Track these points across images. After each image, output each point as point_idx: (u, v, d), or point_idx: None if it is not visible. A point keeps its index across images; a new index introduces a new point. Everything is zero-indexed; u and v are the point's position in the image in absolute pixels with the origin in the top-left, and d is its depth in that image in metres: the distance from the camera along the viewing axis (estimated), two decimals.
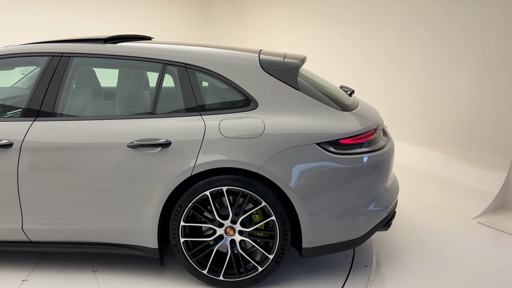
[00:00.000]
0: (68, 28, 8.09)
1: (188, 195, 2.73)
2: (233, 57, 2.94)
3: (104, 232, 2.85)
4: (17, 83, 4.38)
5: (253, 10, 8.42)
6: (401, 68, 5.60)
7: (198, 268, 2.83)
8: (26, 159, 2.74)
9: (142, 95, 3.25)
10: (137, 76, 3.24)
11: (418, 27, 5.31)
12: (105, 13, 8.46)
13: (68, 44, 2.95)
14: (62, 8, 8.14)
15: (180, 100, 2.85)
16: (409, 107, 5.52)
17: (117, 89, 3.32)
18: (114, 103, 3.15)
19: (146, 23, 8.83)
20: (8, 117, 2.93)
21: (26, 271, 3.02)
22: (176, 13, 9.16)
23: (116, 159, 2.72)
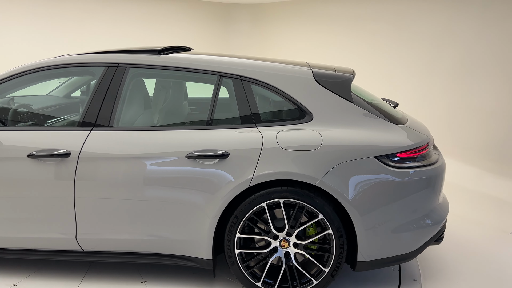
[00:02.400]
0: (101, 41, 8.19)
1: (244, 206, 2.73)
2: (286, 70, 2.96)
3: (157, 243, 2.85)
4: (53, 91, 4.41)
5: (274, 21, 8.49)
6: (430, 81, 5.62)
7: (252, 280, 2.82)
8: (83, 169, 2.75)
9: (200, 106, 3.26)
10: (198, 88, 3.27)
11: (449, 41, 5.34)
12: (129, 25, 8.55)
13: (124, 55, 2.97)
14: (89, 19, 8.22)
15: (235, 111, 2.87)
16: (439, 120, 5.53)
17: (155, 99, 3.34)
18: (167, 113, 3.17)
19: (167, 34, 8.91)
20: (65, 127, 2.95)
21: (75, 281, 3.01)
22: (197, 24, 9.25)
23: (174, 170, 2.73)
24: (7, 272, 3.09)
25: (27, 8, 7.81)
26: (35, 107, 3.42)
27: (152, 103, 3.19)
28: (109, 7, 8.34)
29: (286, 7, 8.13)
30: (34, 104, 3.52)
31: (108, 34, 8.35)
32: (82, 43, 8.08)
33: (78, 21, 8.12)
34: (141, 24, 8.71)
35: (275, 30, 8.50)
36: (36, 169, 2.76)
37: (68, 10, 8.04)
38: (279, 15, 8.33)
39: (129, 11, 8.61)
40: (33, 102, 3.55)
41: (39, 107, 3.55)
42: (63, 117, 3.11)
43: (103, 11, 8.30)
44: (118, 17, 8.46)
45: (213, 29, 9.36)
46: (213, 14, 9.35)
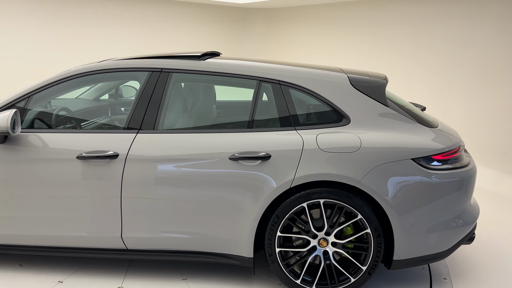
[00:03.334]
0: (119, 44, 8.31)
1: (285, 206, 2.83)
2: (323, 75, 3.07)
3: (199, 241, 2.95)
4: (82, 94, 4.53)
5: (289, 25, 8.61)
6: (449, 84, 5.72)
7: (291, 278, 2.92)
8: (131, 170, 2.86)
9: (240, 109, 3.37)
10: (234, 91, 3.38)
11: (467, 45, 5.44)
12: (146, 28, 8.68)
13: (167, 60, 3.09)
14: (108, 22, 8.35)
15: (274, 115, 2.98)
16: (457, 123, 5.62)
17: (194, 103, 3.45)
18: (208, 117, 3.28)
19: (184, 37, 9.04)
20: (111, 129, 3.06)
21: (118, 279, 3.12)
22: (212, 28, 9.38)
23: (217, 171, 2.84)
24: (53, 269, 3.19)
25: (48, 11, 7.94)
26: (74, 110, 3.54)
27: (191, 106, 3.30)
28: (127, 11, 8.48)
29: (301, 11, 8.24)
30: (73, 107, 3.64)
31: (126, 37, 8.49)
32: (102, 46, 8.22)
33: (99, 24, 8.26)
34: (157, 27, 8.84)
35: (290, 34, 8.62)
36: (85, 170, 2.87)
37: (88, 13, 8.18)
38: (294, 19, 8.45)
39: (146, 14, 8.75)
40: (72, 105, 3.67)
41: (79, 110, 3.67)
42: (107, 120, 3.22)
43: (122, 14, 8.44)
44: (135, 20, 8.59)
45: (228, 33, 9.49)
46: (229, 18, 9.49)
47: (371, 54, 6.85)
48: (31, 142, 2.91)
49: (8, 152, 2.89)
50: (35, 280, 3.05)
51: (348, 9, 7.23)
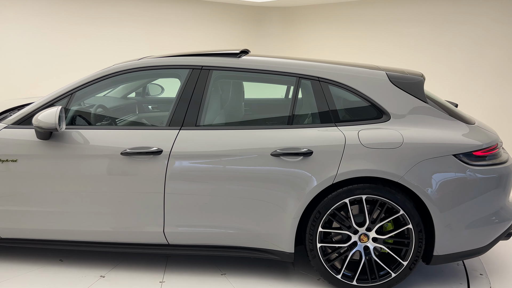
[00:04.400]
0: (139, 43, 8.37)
1: (327, 202, 2.86)
2: (362, 72, 3.09)
3: (240, 236, 2.99)
4: (109, 92, 4.58)
5: (306, 24, 8.63)
6: (471, 84, 5.73)
7: (332, 273, 2.95)
8: (174, 166, 2.90)
9: (278, 106, 3.40)
10: (272, 88, 3.41)
11: (490, 43, 5.45)
12: (163, 27, 8.73)
13: (207, 58, 3.12)
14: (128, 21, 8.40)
15: (314, 111, 3.01)
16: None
17: (233, 99, 3.48)
18: (252, 114, 3.32)
19: (200, 36, 9.08)
20: (154, 126, 3.10)
21: (158, 273, 3.15)
22: (229, 27, 9.42)
23: (259, 167, 2.87)
24: (93, 264, 3.24)
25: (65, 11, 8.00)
26: (111, 107, 3.58)
27: (230, 103, 3.34)
28: (145, 10, 8.53)
29: (318, 10, 8.27)
30: (109, 104, 3.69)
31: (145, 36, 8.54)
32: (120, 46, 8.28)
33: (117, 23, 8.31)
34: (173, 26, 8.88)
35: (306, 33, 8.64)
36: (129, 166, 2.91)
37: (108, 12, 8.23)
38: (310, 18, 8.47)
39: (162, 13, 8.79)
40: (107, 102, 3.71)
41: (116, 107, 3.71)
42: (148, 117, 3.26)
43: (141, 13, 8.49)
44: (151, 19, 8.64)
45: (244, 31, 9.52)
46: (245, 17, 9.51)
47: (391, 53, 6.87)
48: (76, 138, 2.95)
49: (53, 148, 2.93)
50: (78, 274, 3.09)
51: (367, 8, 7.25)
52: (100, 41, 8.19)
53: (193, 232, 3.00)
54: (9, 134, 2.98)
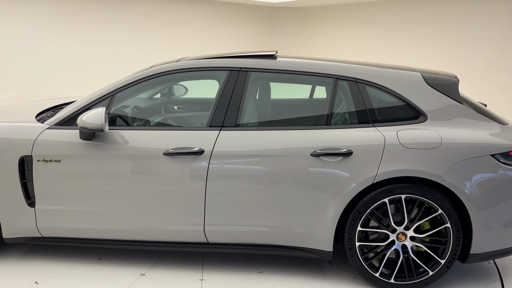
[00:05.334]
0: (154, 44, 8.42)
1: (366, 201, 2.91)
2: (398, 73, 3.14)
3: (280, 235, 3.04)
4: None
5: (320, 25, 8.67)
6: (491, 84, 5.77)
7: (370, 271, 3.00)
8: (215, 166, 2.95)
9: (314, 106, 3.45)
10: (311, 89, 3.47)
11: (510, 44, 5.48)
12: (177, 30, 8.79)
13: (245, 60, 3.17)
14: (146, 23, 8.46)
15: (352, 112, 3.06)
16: None
17: (268, 101, 3.53)
18: (288, 114, 3.37)
19: (215, 36, 9.14)
20: (194, 126, 3.16)
21: (197, 271, 3.21)
22: (243, 27, 9.48)
23: (299, 167, 2.92)
24: (133, 262, 3.29)
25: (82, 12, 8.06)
26: (144, 107, 3.64)
27: (268, 104, 3.39)
28: (160, 11, 8.59)
29: (333, 10, 8.31)
30: (143, 105, 3.74)
31: (159, 37, 8.60)
32: (135, 46, 8.34)
33: (131, 24, 8.38)
34: (188, 27, 8.94)
35: (321, 33, 8.68)
36: (171, 166, 2.97)
37: (122, 13, 8.29)
38: (325, 18, 8.51)
39: (177, 15, 8.85)
40: (141, 103, 3.77)
41: (152, 108, 3.76)
42: (187, 117, 3.31)
43: (155, 14, 8.55)
44: (166, 20, 8.70)
45: (259, 32, 9.58)
46: (260, 17, 9.57)
47: (408, 53, 6.91)
48: (118, 139, 3.01)
49: (96, 148, 2.99)
50: (118, 273, 3.15)
51: (382, 8, 7.29)
52: (114, 42, 8.27)
53: (232, 230, 3.05)
54: (52, 135, 3.03)
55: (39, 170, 3.01)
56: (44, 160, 3.00)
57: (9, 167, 3.01)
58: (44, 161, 3.00)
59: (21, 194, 3.04)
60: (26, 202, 3.06)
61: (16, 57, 7.57)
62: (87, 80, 8.10)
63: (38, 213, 3.08)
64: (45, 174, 3.02)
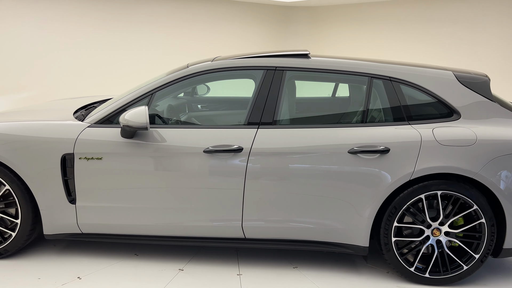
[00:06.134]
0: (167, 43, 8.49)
1: (402, 197, 2.97)
2: (431, 72, 3.20)
3: (316, 231, 3.10)
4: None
5: (333, 24, 8.72)
6: (507, 83, 5.83)
7: (406, 266, 3.06)
8: (254, 163, 3.01)
9: (349, 104, 3.51)
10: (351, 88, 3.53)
11: None
12: (190, 30, 8.85)
13: (280, 59, 3.23)
14: (157, 22, 8.51)
15: (387, 110, 3.12)
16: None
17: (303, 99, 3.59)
18: (324, 112, 3.43)
19: (226, 37, 9.20)
20: (232, 124, 3.23)
21: (234, 266, 3.27)
22: (256, 26, 9.54)
23: (337, 164, 2.98)
24: (169, 258, 3.35)
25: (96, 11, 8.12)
26: (178, 106, 3.70)
27: (302, 102, 3.45)
28: (176, 10, 8.64)
29: (347, 10, 8.36)
30: (175, 103, 3.80)
31: (172, 36, 8.66)
32: (150, 45, 8.39)
33: (151, 24, 8.43)
34: (200, 26, 9.00)
35: (334, 33, 8.74)
36: (211, 163, 3.03)
37: (139, 13, 8.35)
38: (339, 18, 8.57)
39: (189, 14, 8.90)
40: (174, 102, 3.83)
41: (187, 106, 3.83)
42: (224, 115, 3.38)
43: (171, 14, 8.60)
44: (180, 19, 8.75)
45: (272, 31, 9.65)
46: (273, 16, 9.63)
47: (423, 53, 6.96)
48: (159, 137, 3.06)
49: (137, 146, 3.04)
50: (156, 268, 3.21)
51: (397, 8, 7.34)
52: (127, 42, 8.32)
53: (269, 226, 3.11)
54: (94, 133, 3.09)
55: (80, 168, 3.07)
56: (85, 157, 3.06)
57: (51, 165, 3.07)
58: (85, 158, 3.06)
59: (62, 191, 3.11)
60: (67, 199, 3.12)
61: (33, 56, 7.63)
62: (100, 79, 8.16)
63: (78, 209, 3.14)
64: (87, 172, 3.08)
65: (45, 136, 3.09)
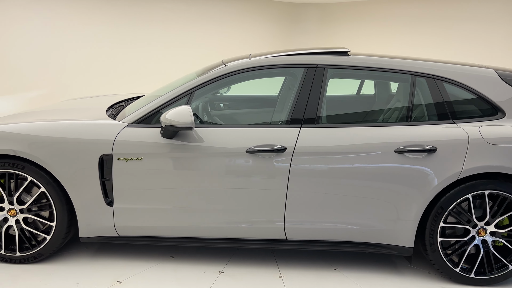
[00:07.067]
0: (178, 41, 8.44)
1: (449, 197, 2.93)
2: (474, 70, 3.16)
3: (360, 232, 3.05)
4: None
5: (343, 22, 8.67)
6: None
7: (451, 267, 3.02)
8: (297, 163, 2.95)
9: (391, 103, 3.45)
10: (384, 85, 3.47)
11: None
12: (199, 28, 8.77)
13: (320, 57, 3.17)
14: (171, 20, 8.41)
15: (431, 108, 3.07)
16: None
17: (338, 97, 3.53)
18: (366, 110, 3.37)
19: (236, 35, 9.13)
20: (273, 123, 3.17)
21: (273, 268, 3.21)
22: (265, 23, 9.47)
23: (382, 163, 2.93)
24: (207, 260, 3.28)
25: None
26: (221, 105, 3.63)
27: (344, 101, 3.40)
28: (186, 8, 8.55)
29: (357, 7, 8.31)
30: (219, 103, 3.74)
31: (183, 34, 8.57)
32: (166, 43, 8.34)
33: (161, 23, 8.35)
34: (210, 24, 8.92)
35: (344, 31, 8.69)
36: (253, 163, 2.96)
37: (156, 13, 8.28)
38: (349, 16, 8.52)
39: (199, 12, 8.81)
40: (213, 100, 3.76)
41: (229, 105, 3.76)
42: (264, 115, 3.31)
43: (182, 12, 8.52)
44: (190, 17, 8.67)
45: (281, 28, 9.59)
46: (282, 14, 9.57)
47: (435, 51, 6.93)
48: (200, 137, 2.98)
49: (178, 146, 2.95)
50: (196, 271, 3.14)
51: (410, 6, 7.31)
52: (141, 39, 8.22)
53: (311, 227, 3.06)
54: (132, 133, 3.00)
55: (119, 169, 2.99)
56: (124, 158, 2.98)
57: (88, 165, 2.98)
58: (124, 159, 2.98)
59: (100, 193, 3.02)
60: (105, 201, 3.04)
61: (43, 56, 7.50)
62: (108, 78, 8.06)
63: (116, 212, 3.05)
64: (125, 173, 2.99)
65: (83, 137, 2.99)
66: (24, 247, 3.14)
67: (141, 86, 7.90)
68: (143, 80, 8.08)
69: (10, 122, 3.18)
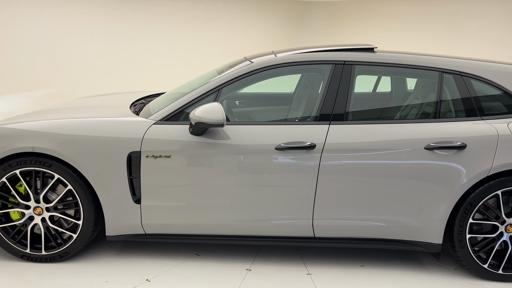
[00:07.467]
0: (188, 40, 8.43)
1: (478, 194, 2.94)
2: (500, 67, 3.17)
3: (388, 229, 3.04)
4: None
5: (351, 20, 8.67)
6: None
7: (479, 263, 3.03)
8: (327, 160, 2.94)
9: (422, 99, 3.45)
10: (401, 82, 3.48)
11: None
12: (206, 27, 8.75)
13: (347, 53, 3.16)
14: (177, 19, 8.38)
15: (459, 105, 3.07)
16: None
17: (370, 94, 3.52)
18: (393, 107, 3.37)
19: (243, 33, 9.11)
20: (302, 121, 3.16)
21: (301, 265, 3.20)
22: (273, 22, 9.46)
23: (412, 160, 2.93)
24: (233, 257, 3.27)
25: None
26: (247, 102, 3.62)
27: (372, 97, 3.39)
28: (194, 7, 8.53)
29: (366, 5, 8.31)
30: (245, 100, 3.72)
31: (190, 33, 8.55)
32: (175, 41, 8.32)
33: (169, 21, 8.31)
34: (217, 22, 8.90)
35: (350, 28, 8.69)
36: (283, 160, 2.95)
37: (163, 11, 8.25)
38: (358, 14, 8.52)
39: (205, 11, 8.79)
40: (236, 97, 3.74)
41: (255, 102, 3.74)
42: (293, 111, 3.30)
43: (190, 10, 8.51)
44: (199, 16, 8.65)
45: (289, 26, 9.59)
46: (290, 12, 9.56)
47: (444, 49, 6.95)
48: (229, 134, 2.96)
49: (208, 144, 2.93)
50: (224, 268, 3.12)
51: (417, 4, 7.32)
52: (152, 37, 8.20)
53: (340, 225, 3.05)
54: (161, 131, 2.98)
55: (147, 166, 2.97)
56: (153, 156, 2.96)
57: (116, 163, 2.96)
58: (153, 157, 2.96)
59: (127, 190, 3.00)
60: (132, 199, 3.02)
61: (51, 54, 7.46)
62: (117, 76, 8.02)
63: (143, 209, 3.03)
64: (154, 170, 2.97)
65: (111, 134, 2.97)
66: (50, 246, 3.12)
67: (150, 84, 7.88)
68: (151, 78, 8.05)
69: (34, 119, 3.15)
